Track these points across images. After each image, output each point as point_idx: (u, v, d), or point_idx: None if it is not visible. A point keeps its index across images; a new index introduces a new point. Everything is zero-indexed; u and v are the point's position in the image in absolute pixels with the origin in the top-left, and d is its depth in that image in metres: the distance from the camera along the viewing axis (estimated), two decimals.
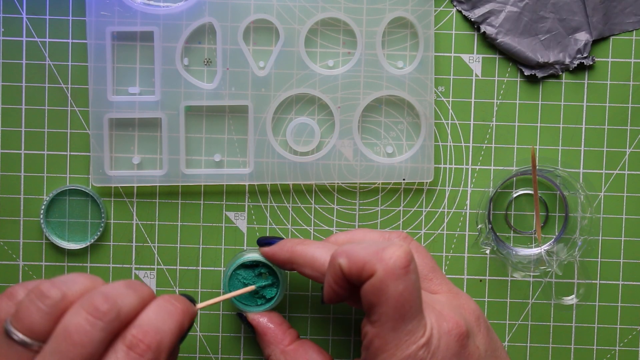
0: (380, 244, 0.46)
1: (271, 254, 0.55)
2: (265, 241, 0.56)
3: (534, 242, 0.61)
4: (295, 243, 0.54)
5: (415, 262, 0.46)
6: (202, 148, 0.60)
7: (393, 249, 0.45)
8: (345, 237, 0.55)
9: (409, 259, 0.45)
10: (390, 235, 0.54)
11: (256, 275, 0.56)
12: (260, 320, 0.56)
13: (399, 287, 0.44)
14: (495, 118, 0.61)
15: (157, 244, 0.60)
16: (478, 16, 0.60)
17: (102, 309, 0.42)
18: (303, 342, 0.55)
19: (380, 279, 0.44)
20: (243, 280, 0.56)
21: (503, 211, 0.61)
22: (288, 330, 0.56)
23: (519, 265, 0.60)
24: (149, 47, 0.59)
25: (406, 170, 0.60)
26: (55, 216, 0.60)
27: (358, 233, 0.55)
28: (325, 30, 0.60)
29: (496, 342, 0.51)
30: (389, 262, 0.44)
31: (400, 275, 0.44)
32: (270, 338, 0.55)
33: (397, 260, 0.45)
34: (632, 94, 0.61)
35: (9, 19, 0.59)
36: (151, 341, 0.43)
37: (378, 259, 0.45)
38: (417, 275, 0.46)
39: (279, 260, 0.54)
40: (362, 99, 0.59)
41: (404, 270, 0.44)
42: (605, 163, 0.61)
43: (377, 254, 0.45)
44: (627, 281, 0.61)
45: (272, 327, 0.55)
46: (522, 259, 0.60)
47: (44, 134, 0.60)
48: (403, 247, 0.45)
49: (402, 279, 0.44)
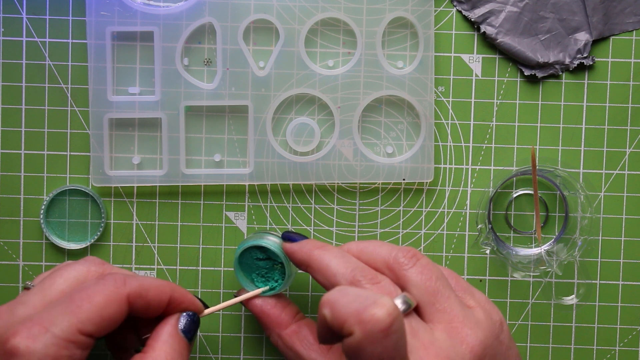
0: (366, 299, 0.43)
1: (290, 252, 0.54)
2: (289, 237, 0.55)
3: (534, 242, 0.61)
4: (315, 247, 0.53)
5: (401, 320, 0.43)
6: (202, 148, 0.60)
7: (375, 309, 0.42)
8: (357, 247, 0.53)
9: (390, 321, 0.42)
10: (397, 253, 0.51)
11: (265, 259, 0.56)
12: (255, 304, 0.55)
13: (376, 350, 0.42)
14: (495, 118, 0.61)
15: (157, 244, 0.60)
16: (478, 16, 0.60)
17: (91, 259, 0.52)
18: (300, 325, 0.54)
19: (357, 340, 0.42)
20: (255, 261, 0.56)
21: (503, 211, 0.61)
22: (284, 310, 0.55)
23: (519, 265, 0.60)
24: (149, 47, 0.59)
25: (406, 170, 0.60)
26: (55, 216, 0.60)
27: (369, 245, 0.53)
28: (325, 30, 0.60)
29: None
30: (367, 326, 0.42)
31: (379, 339, 0.42)
32: (266, 322, 0.55)
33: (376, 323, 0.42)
34: (632, 94, 0.61)
35: (9, 19, 0.59)
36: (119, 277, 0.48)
37: (357, 320, 0.42)
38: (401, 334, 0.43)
39: (296, 260, 0.54)
40: (362, 99, 0.59)
41: (382, 334, 0.42)
42: (605, 163, 0.61)
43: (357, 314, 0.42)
44: (627, 281, 0.61)
45: (266, 311, 0.55)
46: (522, 259, 0.60)
47: (44, 134, 0.60)
48: (386, 307, 0.42)
49: (380, 342, 0.42)
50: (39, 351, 0.44)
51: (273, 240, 0.56)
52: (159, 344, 0.49)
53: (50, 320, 0.45)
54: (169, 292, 0.50)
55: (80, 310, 0.46)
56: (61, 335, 0.45)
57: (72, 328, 0.45)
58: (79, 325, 0.45)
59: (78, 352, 0.46)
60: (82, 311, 0.46)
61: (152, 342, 0.49)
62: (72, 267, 0.50)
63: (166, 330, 0.50)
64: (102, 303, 0.47)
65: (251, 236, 0.57)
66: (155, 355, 0.48)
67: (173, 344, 0.49)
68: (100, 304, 0.47)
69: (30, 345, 0.44)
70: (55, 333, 0.45)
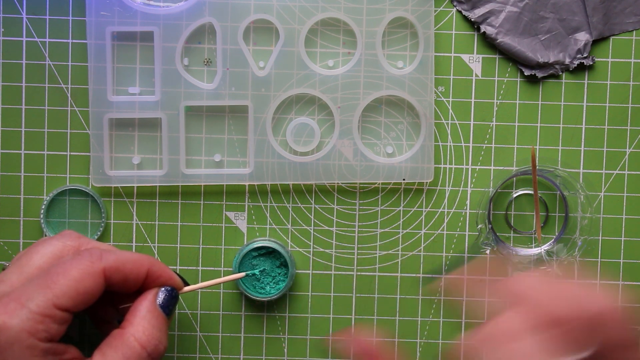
0: None
1: None
2: None
3: (534, 242, 0.61)
4: None
5: None
6: (202, 148, 0.60)
7: None
8: None
9: None
10: None
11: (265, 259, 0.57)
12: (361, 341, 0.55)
13: None
14: (495, 118, 0.61)
15: (157, 244, 0.60)
16: (478, 16, 0.60)
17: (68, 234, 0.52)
18: None
19: None
20: (254, 263, 0.57)
21: (503, 211, 0.61)
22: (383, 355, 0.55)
23: (519, 265, 0.60)
24: (149, 47, 0.59)
25: (406, 170, 0.60)
26: (55, 216, 0.60)
27: None
28: (325, 30, 0.60)
29: None
30: None
31: None
32: None
33: None
34: (632, 94, 0.61)
35: (9, 19, 0.59)
36: (95, 252, 0.48)
37: None
38: None
39: None
40: (362, 99, 0.59)
41: None
42: (605, 163, 0.61)
43: None
44: (627, 281, 0.61)
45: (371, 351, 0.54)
46: (522, 259, 0.60)
47: (44, 134, 0.60)
48: None
49: None
50: (15, 326, 0.45)
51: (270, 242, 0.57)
52: (137, 319, 0.49)
53: (26, 296, 0.46)
54: (146, 266, 0.50)
55: (56, 285, 0.46)
56: (37, 310, 0.45)
57: (47, 303, 0.46)
58: (55, 300, 0.46)
59: (55, 326, 0.46)
60: (58, 286, 0.46)
61: (130, 317, 0.50)
62: (48, 242, 0.51)
63: (144, 305, 0.50)
64: (78, 277, 0.47)
65: (246, 244, 0.59)
66: (134, 331, 0.49)
67: (151, 319, 0.50)
68: (76, 278, 0.47)
69: (7, 320, 0.45)
70: (31, 308, 0.45)
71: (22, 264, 0.49)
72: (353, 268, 0.61)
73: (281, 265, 0.59)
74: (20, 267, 0.49)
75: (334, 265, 0.61)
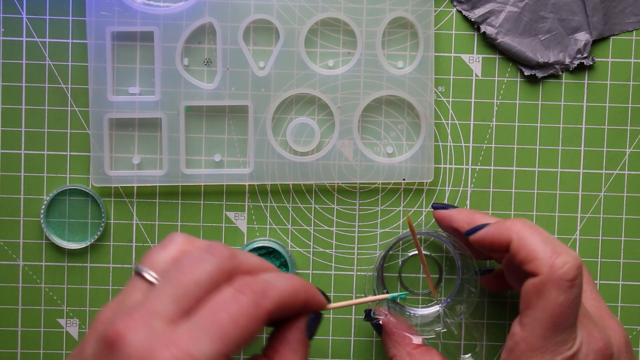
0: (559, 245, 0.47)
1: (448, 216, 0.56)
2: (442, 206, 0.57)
3: (431, 302, 0.60)
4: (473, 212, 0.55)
5: (582, 277, 0.46)
6: (202, 148, 0.60)
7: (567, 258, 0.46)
8: None
9: (577, 273, 0.45)
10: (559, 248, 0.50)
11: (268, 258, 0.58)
12: (390, 320, 0.56)
13: (559, 298, 0.45)
14: (495, 118, 0.61)
15: (157, 244, 0.60)
16: (478, 16, 0.60)
17: (218, 249, 0.43)
18: (429, 349, 0.55)
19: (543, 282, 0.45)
20: None
21: (396, 273, 0.60)
22: (409, 330, 0.56)
23: (420, 326, 0.57)
24: (149, 47, 0.59)
25: (406, 170, 0.60)
26: (55, 216, 0.60)
27: None
28: (325, 30, 0.60)
29: None
30: (558, 271, 0.45)
31: (565, 288, 0.45)
32: (398, 339, 0.55)
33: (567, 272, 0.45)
34: (632, 94, 0.61)
35: (9, 19, 0.59)
36: (258, 287, 0.42)
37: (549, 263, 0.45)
38: (580, 290, 0.46)
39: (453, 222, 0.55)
40: (362, 99, 0.59)
41: (569, 283, 0.45)
42: (605, 163, 0.61)
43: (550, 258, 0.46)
44: (627, 281, 0.61)
45: (400, 328, 0.55)
46: (422, 319, 0.58)
47: (44, 134, 0.60)
48: (577, 260, 0.46)
49: (564, 291, 0.45)
50: None
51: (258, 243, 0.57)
52: (288, 352, 0.45)
53: (193, 342, 0.40)
54: (303, 296, 0.45)
55: (226, 337, 0.40)
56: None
57: (219, 356, 0.40)
58: (227, 352, 0.40)
59: None
60: (228, 336, 0.41)
61: (279, 347, 0.45)
62: (200, 264, 0.42)
63: (296, 337, 0.46)
64: (246, 326, 0.41)
65: (246, 244, 0.59)
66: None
67: (299, 349, 0.46)
68: (244, 327, 0.41)
69: None
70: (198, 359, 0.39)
71: (176, 289, 0.42)
72: (353, 268, 0.61)
73: (281, 265, 0.59)
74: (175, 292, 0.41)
75: (334, 265, 0.61)
